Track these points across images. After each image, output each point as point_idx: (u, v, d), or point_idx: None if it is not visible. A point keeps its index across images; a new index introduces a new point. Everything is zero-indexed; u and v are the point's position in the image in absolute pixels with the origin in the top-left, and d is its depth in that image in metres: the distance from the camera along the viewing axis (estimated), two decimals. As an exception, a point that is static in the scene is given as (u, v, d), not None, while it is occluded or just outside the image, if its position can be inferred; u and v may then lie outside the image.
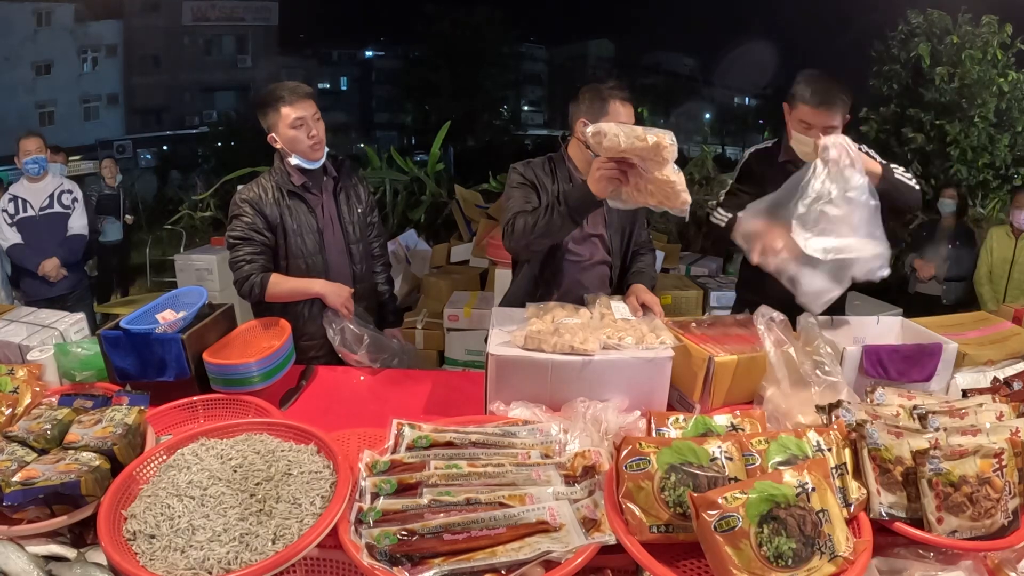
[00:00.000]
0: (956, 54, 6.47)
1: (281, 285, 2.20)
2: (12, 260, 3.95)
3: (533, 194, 2.18)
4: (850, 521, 1.23)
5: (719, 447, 1.23)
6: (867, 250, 1.90)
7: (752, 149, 2.56)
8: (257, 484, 1.29)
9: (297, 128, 2.14)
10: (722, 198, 2.46)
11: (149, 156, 21.14)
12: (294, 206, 2.23)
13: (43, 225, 3.93)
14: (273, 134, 2.18)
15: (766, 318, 1.80)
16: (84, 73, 21.67)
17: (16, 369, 1.73)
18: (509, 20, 24.10)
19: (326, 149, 2.24)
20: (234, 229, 2.22)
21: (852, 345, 1.85)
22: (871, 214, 1.90)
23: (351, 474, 1.28)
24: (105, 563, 1.20)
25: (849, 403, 1.47)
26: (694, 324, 1.98)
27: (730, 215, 2.25)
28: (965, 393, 1.71)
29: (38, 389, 1.68)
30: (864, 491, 1.28)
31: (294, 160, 2.19)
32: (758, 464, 1.25)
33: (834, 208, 1.87)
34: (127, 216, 6.65)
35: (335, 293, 2.20)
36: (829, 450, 1.30)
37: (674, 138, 1.68)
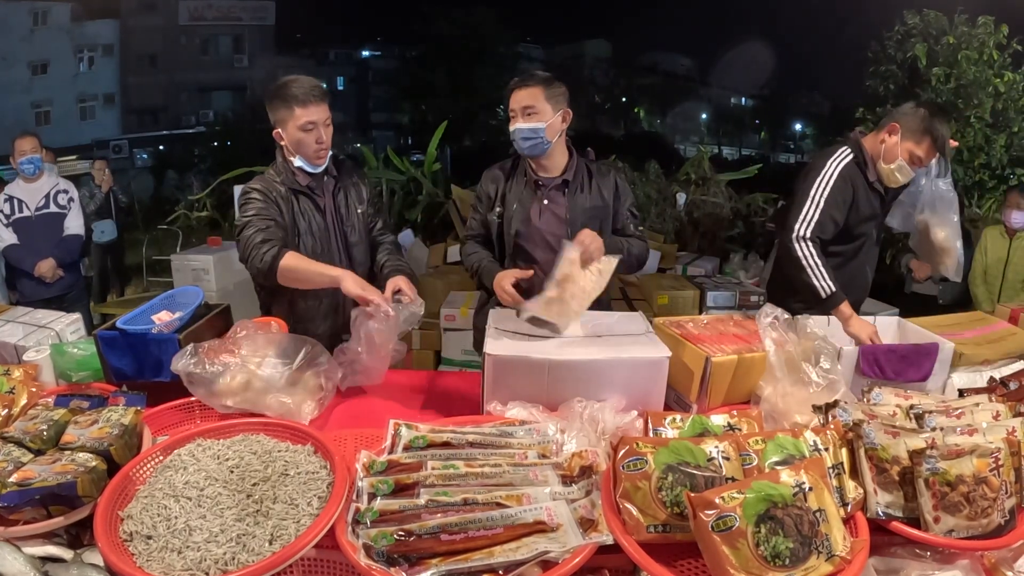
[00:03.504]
0: (952, 54, 6.48)
1: (298, 262, 1.99)
2: (8, 261, 3.94)
3: (479, 214, 2.41)
4: (847, 520, 1.24)
5: (716, 447, 1.23)
6: None
7: (838, 165, 2.33)
8: (254, 485, 1.29)
9: (307, 132, 2.08)
10: (811, 229, 2.25)
11: (145, 156, 21.12)
12: (302, 204, 2.20)
13: (39, 225, 3.92)
14: (280, 130, 2.15)
15: (770, 316, 1.80)
16: (80, 73, 21.62)
17: (12, 369, 1.72)
18: (506, 20, 24.09)
19: (330, 152, 2.22)
20: (246, 212, 2.10)
21: (849, 345, 1.86)
22: None
23: (348, 475, 1.28)
24: (102, 564, 1.19)
25: (846, 403, 1.48)
26: (691, 324, 1.98)
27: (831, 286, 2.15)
28: (961, 393, 1.72)
29: (34, 389, 1.68)
30: (861, 490, 1.29)
31: (297, 161, 2.16)
32: (755, 464, 1.25)
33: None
34: (120, 196, 6.60)
35: (353, 279, 1.92)
36: (826, 450, 1.31)
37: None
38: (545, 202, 2.28)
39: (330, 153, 2.22)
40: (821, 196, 2.29)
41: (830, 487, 1.20)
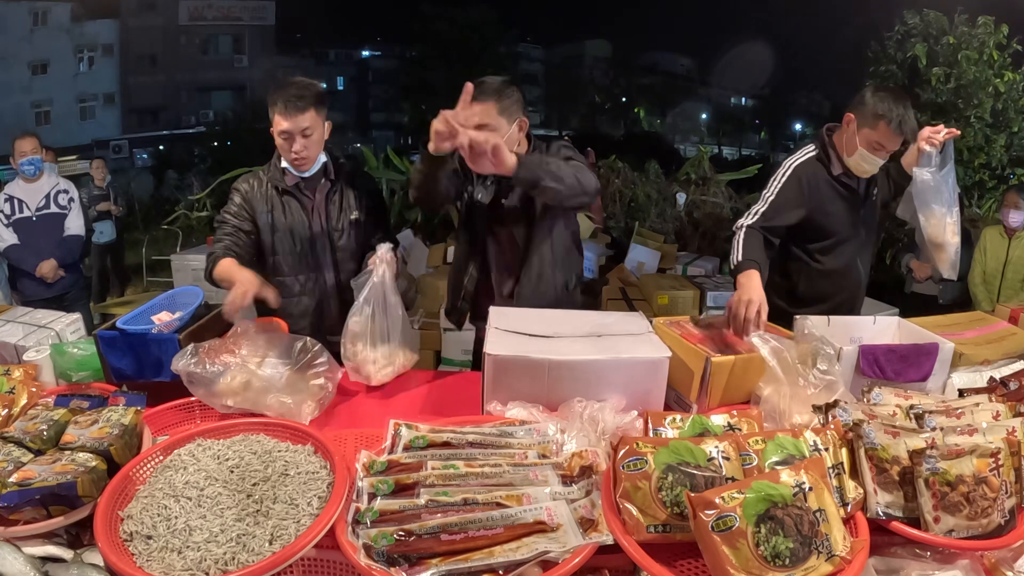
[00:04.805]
0: (952, 55, 6.50)
1: (220, 267, 2.07)
2: (9, 261, 3.94)
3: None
4: (847, 521, 1.23)
5: (716, 447, 1.23)
6: None
7: (794, 163, 2.36)
8: (254, 485, 1.29)
9: (284, 139, 2.13)
10: (750, 220, 2.27)
11: (145, 156, 21.13)
12: (287, 203, 2.23)
13: (39, 226, 3.92)
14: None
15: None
16: (80, 72, 21.64)
17: (12, 369, 1.72)
18: (506, 20, 24.13)
19: (323, 157, 2.23)
20: (220, 219, 2.26)
21: (849, 345, 1.86)
22: None
23: (348, 475, 1.28)
24: (102, 564, 1.19)
25: (846, 403, 1.47)
26: (691, 324, 1.98)
27: (755, 260, 2.11)
28: (962, 393, 1.72)
29: (34, 389, 1.68)
30: (861, 490, 1.28)
31: (283, 163, 2.20)
32: (755, 464, 1.25)
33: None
34: (111, 206, 6.57)
35: (242, 282, 1.92)
36: (826, 450, 1.31)
37: None
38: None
39: (325, 159, 2.23)
40: (772, 194, 2.34)
41: (830, 487, 1.20)
